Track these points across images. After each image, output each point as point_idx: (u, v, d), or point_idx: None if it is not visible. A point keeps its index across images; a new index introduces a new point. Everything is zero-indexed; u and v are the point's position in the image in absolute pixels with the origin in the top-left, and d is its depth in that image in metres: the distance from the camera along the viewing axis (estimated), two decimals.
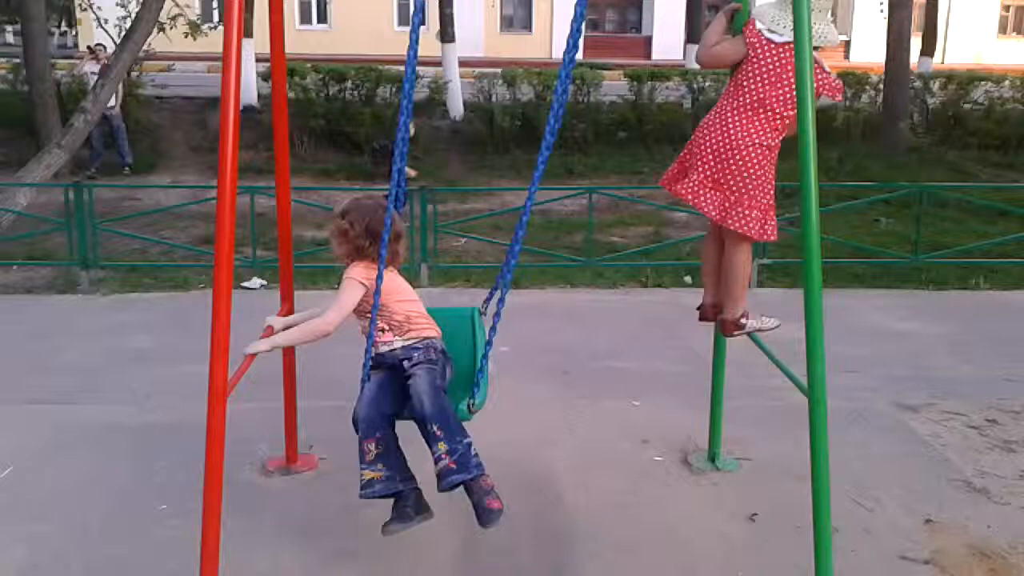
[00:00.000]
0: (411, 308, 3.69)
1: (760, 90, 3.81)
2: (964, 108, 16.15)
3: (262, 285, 8.41)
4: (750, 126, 3.82)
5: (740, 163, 3.82)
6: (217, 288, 3.15)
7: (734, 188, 3.86)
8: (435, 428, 3.39)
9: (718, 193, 3.90)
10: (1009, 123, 15.93)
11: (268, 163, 11.43)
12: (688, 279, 8.82)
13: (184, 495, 4.33)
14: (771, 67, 3.80)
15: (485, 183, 13.42)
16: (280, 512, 4.34)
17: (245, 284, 8.30)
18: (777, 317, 4.29)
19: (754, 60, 3.84)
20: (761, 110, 3.81)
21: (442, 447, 3.37)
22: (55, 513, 4.32)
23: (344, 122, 14.73)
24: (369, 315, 3.56)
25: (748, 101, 3.83)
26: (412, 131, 11.69)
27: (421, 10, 3.43)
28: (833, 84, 3.90)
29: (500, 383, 3.92)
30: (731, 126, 3.84)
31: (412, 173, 11.54)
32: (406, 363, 3.60)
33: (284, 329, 3.76)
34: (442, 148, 15.01)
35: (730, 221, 3.89)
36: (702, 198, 3.92)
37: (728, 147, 3.83)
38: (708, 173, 3.89)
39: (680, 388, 5.76)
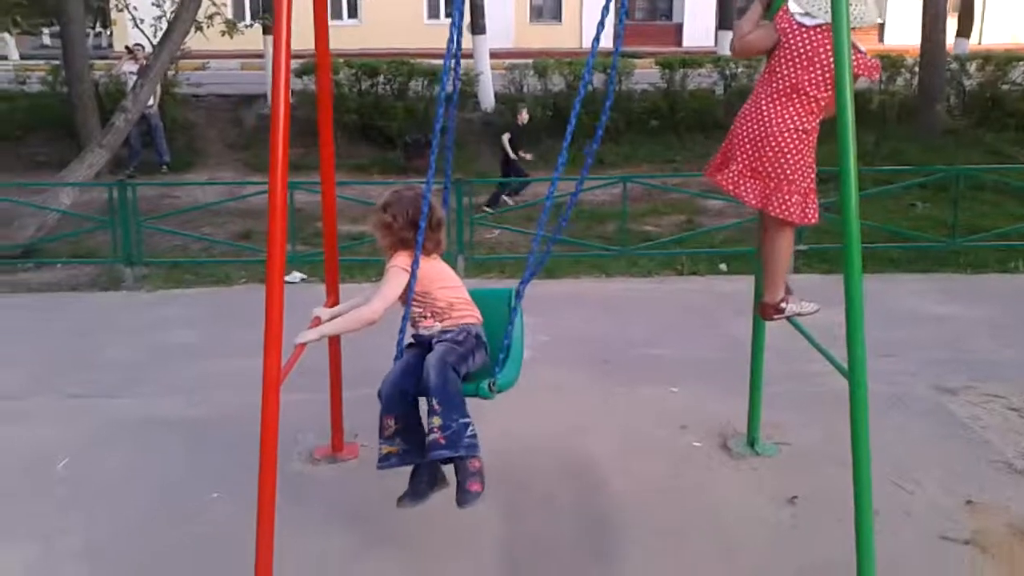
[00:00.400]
0: (454, 295, 3.74)
1: (793, 75, 3.83)
2: (1002, 89, 15.87)
3: (302, 279, 8.53)
4: (784, 112, 3.83)
5: (777, 150, 3.84)
6: (270, 280, 3.23)
7: (773, 175, 3.88)
8: (434, 402, 3.45)
9: (757, 181, 3.92)
10: None
11: (301, 158, 11.56)
12: (723, 267, 8.83)
13: (234, 485, 4.44)
14: (803, 51, 3.81)
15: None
16: (328, 499, 4.45)
17: (285, 278, 8.39)
18: (815, 303, 4.31)
19: (786, 45, 3.85)
20: (795, 95, 3.83)
21: (436, 421, 3.43)
22: (105, 505, 4.44)
23: (377, 116, 14.84)
24: (414, 303, 3.64)
25: (782, 87, 3.85)
26: (526, 117, 12.27)
27: (462, 6, 3.47)
28: (869, 64, 3.89)
29: (539, 371, 3.97)
30: (766, 113, 3.86)
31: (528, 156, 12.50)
32: (434, 341, 3.66)
33: (331, 319, 3.85)
34: (474, 140, 15.04)
35: (771, 207, 3.91)
36: (742, 187, 3.95)
37: (764, 134, 3.85)
38: (747, 162, 3.92)
39: (717, 375, 5.78)
